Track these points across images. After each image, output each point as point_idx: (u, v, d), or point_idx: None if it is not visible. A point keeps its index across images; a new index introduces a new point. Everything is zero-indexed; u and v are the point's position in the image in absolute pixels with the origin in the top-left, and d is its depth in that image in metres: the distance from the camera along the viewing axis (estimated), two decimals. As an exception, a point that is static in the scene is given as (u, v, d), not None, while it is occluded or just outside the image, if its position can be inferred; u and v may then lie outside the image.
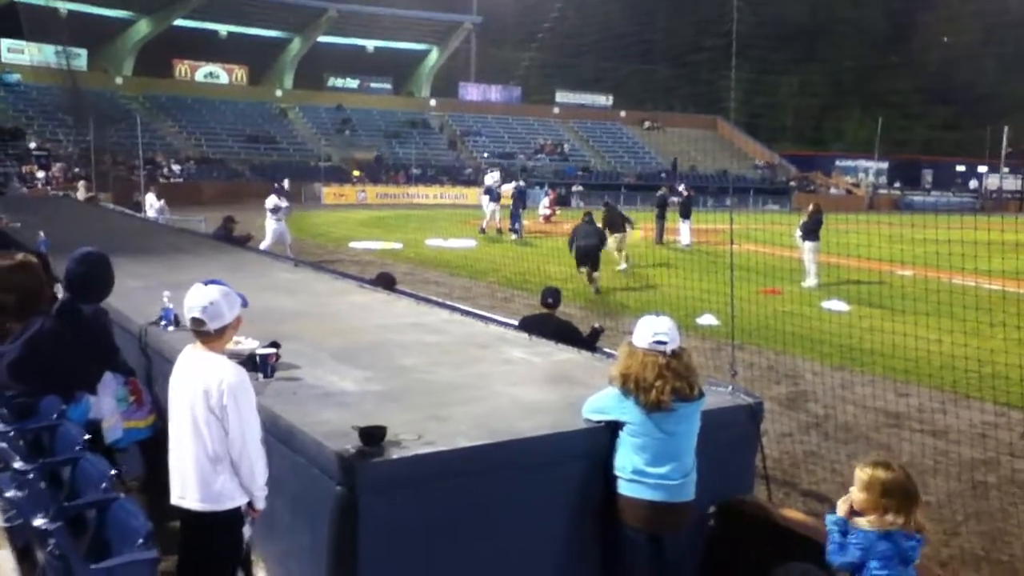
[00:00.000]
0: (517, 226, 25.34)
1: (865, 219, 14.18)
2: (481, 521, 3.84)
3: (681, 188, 26.14)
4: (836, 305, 14.69)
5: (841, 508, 3.57)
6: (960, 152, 62.34)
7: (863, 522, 3.47)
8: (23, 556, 2.77)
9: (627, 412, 4.04)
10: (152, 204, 22.06)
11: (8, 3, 41.35)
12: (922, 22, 62.34)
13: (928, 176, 63.72)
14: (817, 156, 62.54)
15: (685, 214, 24.44)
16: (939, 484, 6.73)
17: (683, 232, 24.26)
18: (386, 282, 8.86)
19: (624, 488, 4.06)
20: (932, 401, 8.46)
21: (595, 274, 15.98)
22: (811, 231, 17.38)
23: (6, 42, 42.58)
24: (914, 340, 8.78)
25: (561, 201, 36.47)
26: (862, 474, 3.51)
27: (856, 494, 3.51)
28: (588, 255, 16.05)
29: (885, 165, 62.09)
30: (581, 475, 4.15)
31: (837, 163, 62.47)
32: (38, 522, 2.59)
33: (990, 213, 35.69)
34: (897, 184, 60.31)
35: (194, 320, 3.62)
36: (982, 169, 62.39)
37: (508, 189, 27.19)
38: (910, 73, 62.23)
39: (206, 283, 3.69)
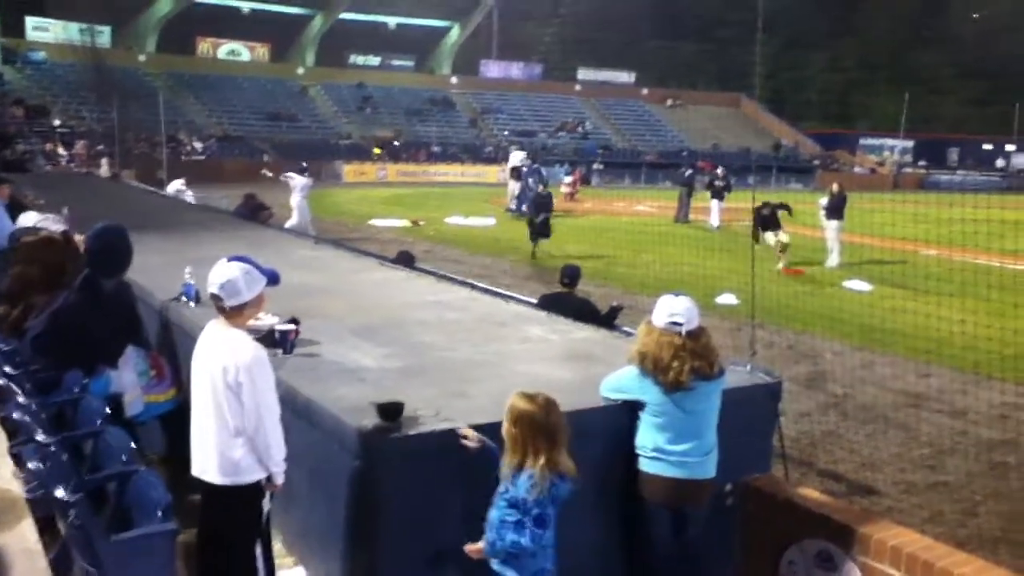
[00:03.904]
0: (524, 207, 25.19)
1: (890, 198, 14.04)
2: (499, 497, 3.86)
3: (719, 171, 25.24)
4: (858, 285, 14.58)
5: None
6: (987, 130, 61.34)
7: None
8: (45, 527, 2.82)
9: (647, 392, 4.04)
10: (177, 188, 21.89)
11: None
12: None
13: (954, 155, 62.85)
14: (842, 134, 61.80)
15: (720, 195, 23.74)
16: (957, 464, 6.71)
17: (713, 213, 23.70)
18: (406, 260, 8.90)
19: (645, 465, 4.08)
20: (953, 382, 8.41)
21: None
22: (835, 210, 17.22)
23: (31, 20, 42.80)
24: (936, 321, 8.70)
25: (582, 180, 36.26)
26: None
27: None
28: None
29: (910, 144, 61.24)
30: (601, 452, 4.16)
31: (862, 141, 61.73)
32: (60, 494, 2.63)
33: (1017, 192, 35.23)
34: (922, 162, 59.51)
35: (213, 296, 3.65)
36: (1010, 148, 61.39)
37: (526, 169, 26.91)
38: (940, 47, 61.19)
39: (231, 259, 3.70)
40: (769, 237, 16.28)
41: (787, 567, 4.26)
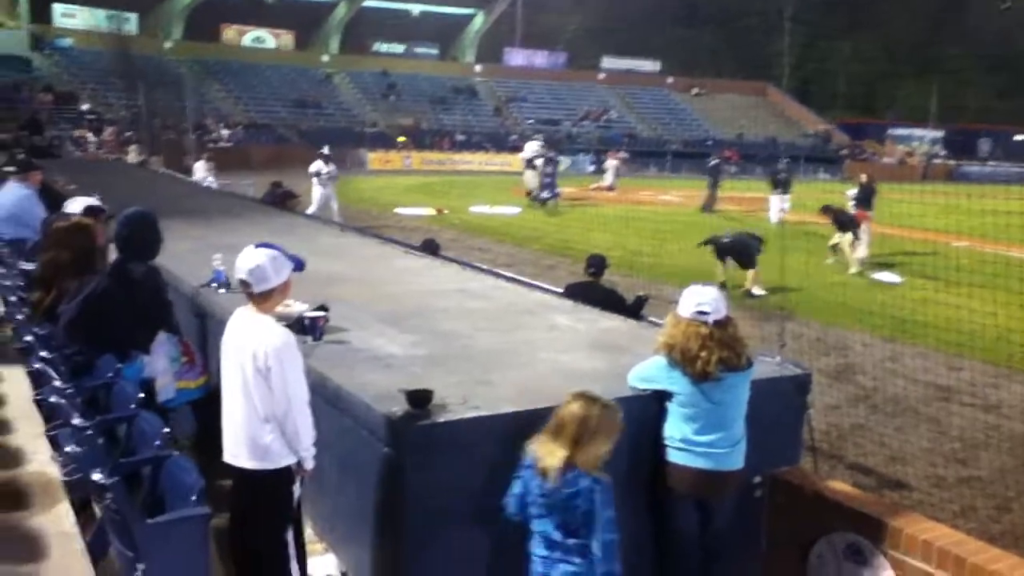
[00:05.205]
0: (544, 194, 25.03)
1: (919, 189, 13.84)
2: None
3: (782, 162, 23.06)
4: (888, 276, 14.42)
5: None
6: (1019, 120, 60.30)
7: None
8: (81, 509, 2.85)
9: (675, 382, 4.03)
10: (199, 172, 22.09)
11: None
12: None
13: (985, 145, 61.87)
14: (870, 124, 60.99)
15: (785, 188, 21.16)
16: (991, 459, 6.63)
17: (774, 208, 20.90)
18: (430, 248, 8.91)
19: (672, 456, 4.07)
20: (985, 375, 8.31)
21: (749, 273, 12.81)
22: (864, 201, 17.01)
23: (59, 7, 43.09)
24: (967, 313, 8.60)
25: (603, 168, 35.80)
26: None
27: None
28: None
29: (940, 134, 60.38)
30: (628, 442, 4.12)
31: (890, 131, 60.91)
32: (96, 477, 2.66)
33: (1050, 184, 34.66)
34: (944, 152, 58.47)
35: (241, 282, 3.68)
36: (1042, 138, 60.41)
37: (540, 161, 26.57)
38: (968, 36, 60.14)
39: (258, 246, 3.72)
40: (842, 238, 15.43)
41: (816, 560, 4.23)
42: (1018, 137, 61.30)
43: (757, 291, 12.48)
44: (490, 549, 3.81)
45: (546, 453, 3.39)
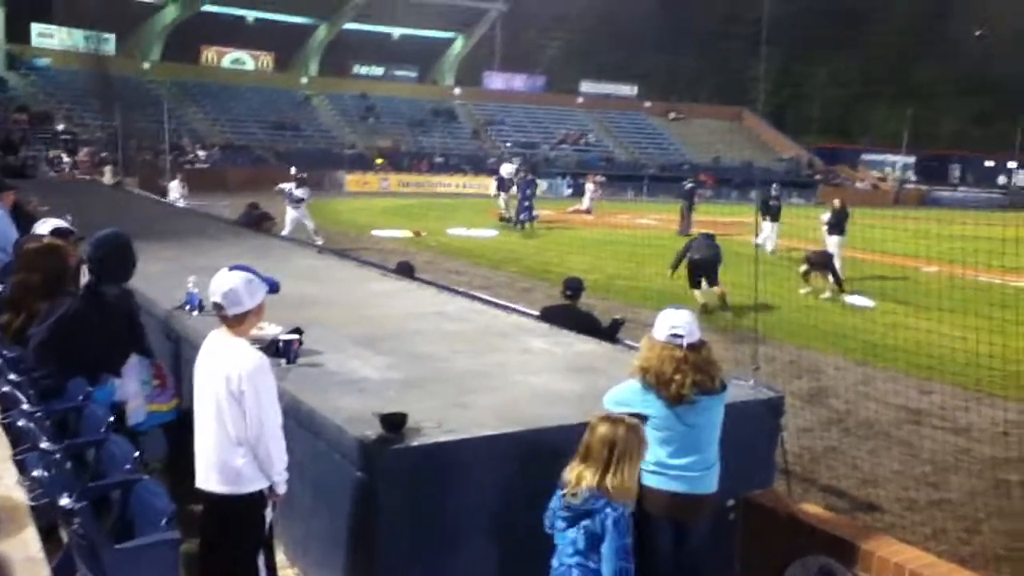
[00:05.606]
0: (522, 216, 25.10)
1: (891, 214, 14.04)
2: (501, 509, 3.86)
3: (774, 187, 22.69)
4: (860, 301, 14.57)
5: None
6: (990, 147, 61.38)
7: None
8: (48, 535, 2.81)
9: (649, 405, 4.04)
10: (174, 192, 22.14)
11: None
12: (956, 11, 61.10)
13: (956, 171, 62.88)
14: (843, 149, 61.84)
15: (776, 215, 20.86)
16: (960, 482, 6.69)
17: (767, 235, 20.26)
18: (405, 271, 8.92)
19: (647, 479, 4.07)
20: (955, 399, 8.40)
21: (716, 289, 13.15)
22: (837, 226, 17.21)
23: (37, 26, 42.83)
24: (938, 337, 8.70)
25: (580, 192, 35.96)
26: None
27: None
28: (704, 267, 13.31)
29: (912, 160, 61.29)
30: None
31: (863, 157, 61.78)
32: (64, 502, 2.62)
33: (1019, 209, 35.23)
34: (914, 179, 59.35)
35: (215, 305, 3.66)
36: (1011, 164, 61.41)
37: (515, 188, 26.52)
38: (942, 64, 61.24)
39: (231, 268, 3.70)
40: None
41: (789, 583, 4.25)
42: (989, 163, 62.35)
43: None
44: (464, 574, 3.80)
45: (575, 477, 3.36)
